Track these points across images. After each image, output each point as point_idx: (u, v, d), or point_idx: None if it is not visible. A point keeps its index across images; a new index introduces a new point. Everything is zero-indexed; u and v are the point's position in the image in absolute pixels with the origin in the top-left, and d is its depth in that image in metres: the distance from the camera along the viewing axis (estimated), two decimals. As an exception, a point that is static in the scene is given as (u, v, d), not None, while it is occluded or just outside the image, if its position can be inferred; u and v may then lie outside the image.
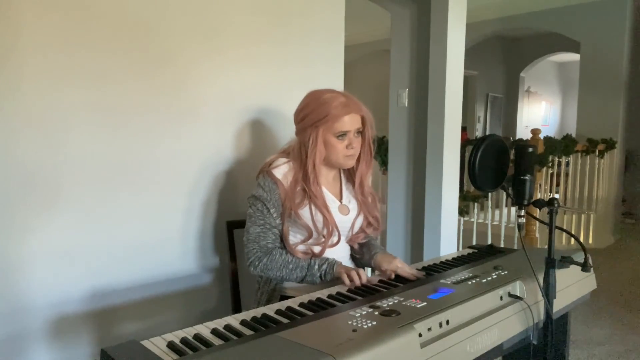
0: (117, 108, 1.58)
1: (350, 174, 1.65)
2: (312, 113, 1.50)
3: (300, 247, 1.54)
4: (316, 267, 1.48)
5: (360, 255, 1.68)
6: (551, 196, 4.38)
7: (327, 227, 1.52)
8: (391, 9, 3.35)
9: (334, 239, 1.55)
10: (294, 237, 1.55)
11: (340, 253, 1.61)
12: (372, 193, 1.66)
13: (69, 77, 1.48)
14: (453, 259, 1.68)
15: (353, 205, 1.62)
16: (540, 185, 4.78)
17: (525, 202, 1.34)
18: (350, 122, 1.49)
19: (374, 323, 1.01)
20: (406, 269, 1.48)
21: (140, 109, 1.63)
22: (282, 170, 1.53)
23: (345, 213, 1.60)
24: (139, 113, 1.63)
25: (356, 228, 1.62)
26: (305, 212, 1.51)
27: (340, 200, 1.61)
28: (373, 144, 1.61)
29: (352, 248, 1.70)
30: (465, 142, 4.18)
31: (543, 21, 5.91)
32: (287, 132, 1.93)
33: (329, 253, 1.55)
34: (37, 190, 1.45)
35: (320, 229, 1.52)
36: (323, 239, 1.54)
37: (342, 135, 1.49)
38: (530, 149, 1.34)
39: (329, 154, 1.52)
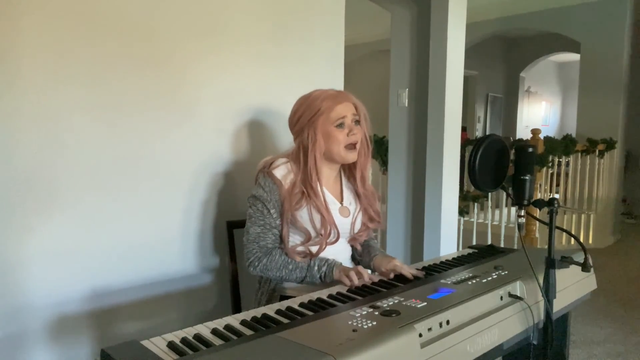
0: (115, 107, 1.58)
1: (350, 171, 1.65)
2: (306, 112, 1.52)
3: (299, 249, 1.54)
4: (316, 268, 1.48)
5: (361, 257, 1.68)
6: (551, 196, 4.38)
7: (325, 226, 1.52)
8: (391, 9, 3.35)
9: (332, 238, 1.55)
10: (293, 239, 1.55)
11: (340, 254, 1.61)
12: (372, 190, 1.67)
13: (67, 76, 1.48)
14: (453, 259, 1.68)
15: (353, 207, 1.63)
16: (540, 185, 4.78)
17: (525, 202, 1.34)
18: (344, 109, 1.52)
19: (374, 323, 1.01)
20: (405, 268, 1.48)
21: (139, 108, 1.63)
22: (282, 171, 1.53)
23: (345, 215, 1.60)
24: (138, 112, 1.63)
25: (358, 225, 1.62)
26: (303, 214, 1.51)
27: (341, 202, 1.61)
28: (370, 139, 1.62)
29: (354, 249, 1.70)
30: (465, 142, 4.17)
31: (543, 21, 5.91)
32: (286, 133, 1.92)
33: (330, 252, 1.55)
34: (36, 190, 1.45)
35: (319, 228, 1.52)
36: (321, 238, 1.53)
37: (340, 123, 1.51)
38: (530, 149, 1.34)
39: (330, 146, 1.52)
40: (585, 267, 1.29)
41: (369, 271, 1.59)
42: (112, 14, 1.55)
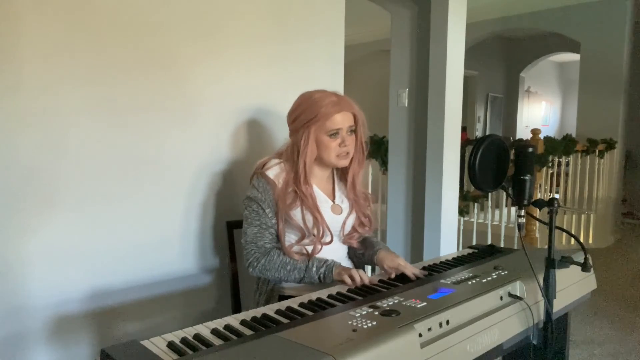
0: (116, 108, 1.58)
1: (343, 173, 1.65)
2: (303, 113, 1.51)
3: (295, 248, 1.54)
4: (314, 269, 1.48)
5: (362, 251, 1.67)
6: (551, 196, 4.38)
7: (318, 227, 1.52)
8: (391, 9, 3.35)
9: (326, 238, 1.55)
10: (289, 238, 1.55)
11: (336, 253, 1.61)
12: (364, 192, 1.67)
13: (68, 77, 1.48)
14: (453, 259, 1.68)
15: (345, 205, 1.63)
16: (540, 185, 4.78)
17: (525, 202, 1.34)
18: (342, 119, 1.50)
19: (374, 323, 1.01)
20: (408, 268, 1.48)
21: (139, 108, 1.63)
22: (275, 172, 1.54)
23: (338, 212, 1.60)
24: (138, 113, 1.63)
25: (348, 228, 1.62)
26: (296, 214, 1.52)
27: (333, 200, 1.61)
28: (366, 144, 1.61)
29: (351, 247, 1.70)
30: (465, 142, 4.17)
31: (543, 21, 5.91)
32: (286, 133, 1.92)
33: (325, 252, 1.55)
34: (36, 190, 1.45)
35: (311, 229, 1.52)
36: (314, 239, 1.53)
37: (334, 133, 1.50)
38: (530, 149, 1.34)
39: (321, 153, 1.52)
40: (585, 267, 1.29)
41: (369, 268, 1.59)
42: (114, 15, 1.55)
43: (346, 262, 1.67)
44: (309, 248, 1.54)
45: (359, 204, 1.64)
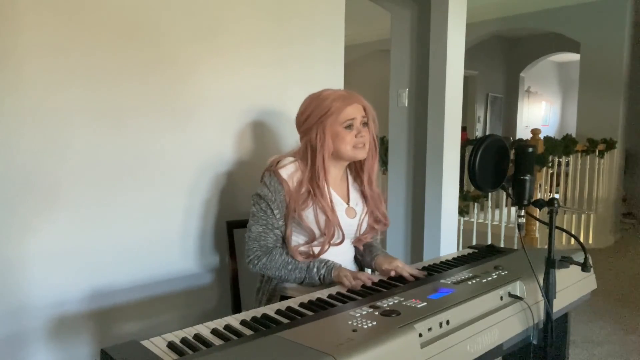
0: (117, 108, 1.58)
1: (357, 171, 1.64)
2: (315, 110, 1.51)
3: (302, 249, 1.53)
4: (315, 270, 1.48)
5: (362, 257, 1.68)
6: (551, 196, 4.38)
7: (329, 227, 1.51)
8: (391, 9, 3.35)
9: (337, 239, 1.55)
10: (297, 239, 1.55)
11: (344, 254, 1.61)
12: (377, 192, 1.66)
13: (69, 77, 1.48)
14: (453, 259, 1.68)
15: (359, 207, 1.62)
16: (540, 185, 4.78)
17: (525, 202, 1.34)
18: (354, 110, 1.51)
19: (374, 323, 1.01)
20: (406, 269, 1.48)
21: (140, 109, 1.63)
22: (289, 171, 1.53)
23: (352, 216, 1.59)
24: (139, 113, 1.63)
25: (364, 227, 1.62)
26: (309, 214, 1.51)
27: (348, 202, 1.61)
28: (377, 139, 1.61)
29: (356, 249, 1.70)
30: (465, 142, 4.17)
31: (543, 21, 5.91)
32: (287, 133, 1.93)
33: (334, 253, 1.55)
34: (37, 190, 1.45)
35: (323, 229, 1.51)
36: (324, 239, 1.53)
37: (349, 125, 1.50)
38: (530, 149, 1.34)
39: (338, 146, 1.51)
40: (585, 267, 1.29)
41: (369, 271, 1.59)
42: (114, 15, 1.55)
43: (352, 263, 1.67)
44: (317, 249, 1.53)
45: (375, 200, 1.63)
